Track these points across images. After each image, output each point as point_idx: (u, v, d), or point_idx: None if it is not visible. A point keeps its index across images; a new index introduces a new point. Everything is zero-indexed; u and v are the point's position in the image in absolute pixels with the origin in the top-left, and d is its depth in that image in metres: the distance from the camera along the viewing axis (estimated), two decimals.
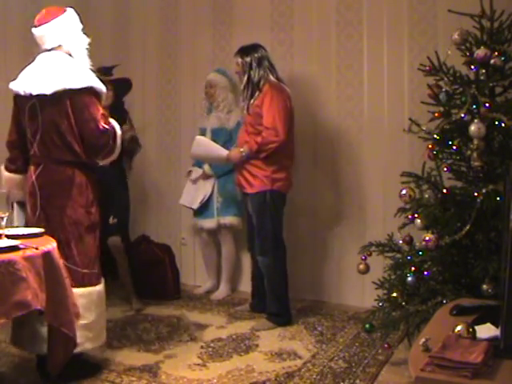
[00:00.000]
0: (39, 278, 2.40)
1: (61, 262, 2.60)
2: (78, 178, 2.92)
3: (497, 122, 2.86)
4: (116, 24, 5.20)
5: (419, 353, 1.71)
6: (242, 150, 3.74)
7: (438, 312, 2.22)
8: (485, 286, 2.72)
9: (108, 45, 5.22)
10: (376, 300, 3.18)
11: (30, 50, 4.80)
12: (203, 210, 4.41)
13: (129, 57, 5.10)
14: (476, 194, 2.80)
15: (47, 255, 2.48)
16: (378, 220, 4.08)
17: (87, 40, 2.98)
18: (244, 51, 3.82)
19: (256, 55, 3.79)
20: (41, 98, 2.84)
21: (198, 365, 3.15)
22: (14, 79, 2.96)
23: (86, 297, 2.88)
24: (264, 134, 3.66)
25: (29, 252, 2.39)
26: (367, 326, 3.17)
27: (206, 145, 4.05)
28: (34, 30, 2.93)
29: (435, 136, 2.99)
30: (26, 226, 2.97)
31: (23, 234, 2.67)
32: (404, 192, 3.01)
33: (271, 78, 3.79)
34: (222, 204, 4.37)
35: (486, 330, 1.82)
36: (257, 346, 3.44)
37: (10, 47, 4.67)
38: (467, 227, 2.76)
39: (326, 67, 4.30)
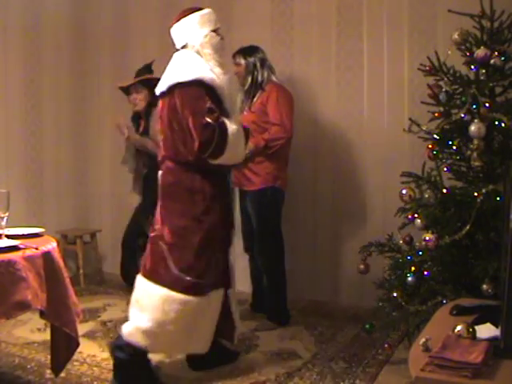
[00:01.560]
0: (39, 278, 2.40)
1: (61, 261, 2.60)
2: (188, 181, 2.82)
3: (497, 122, 2.86)
4: (116, 24, 5.20)
5: (419, 353, 1.71)
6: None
7: (437, 312, 2.22)
8: (485, 286, 2.72)
9: (108, 45, 5.23)
10: (376, 300, 3.18)
11: (30, 50, 4.83)
12: None
13: (129, 57, 5.10)
14: (476, 194, 2.80)
15: (47, 255, 2.48)
16: (378, 220, 4.08)
17: (219, 39, 2.93)
18: (247, 52, 3.81)
19: (259, 56, 3.80)
20: (162, 96, 2.87)
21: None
22: None
23: (179, 303, 2.76)
24: (272, 131, 3.66)
25: (29, 252, 2.39)
26: (367, 325, 3.18)
27: None
28: (171, 29, 2.97)
29: (435, 136, 2.99)
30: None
31: (23, 234, 2.67)
32: (404, 192, 3.01)
33: (273, 78, 3.80)
34: None
35: (486, 330, 1.82)
36: (257, 346, 3.44)
37: (10, 47, 4.67)
38: (467, 227, 2.76)
39: (325, 67, 4.30)
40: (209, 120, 2.73)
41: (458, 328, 1.79)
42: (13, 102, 4.71)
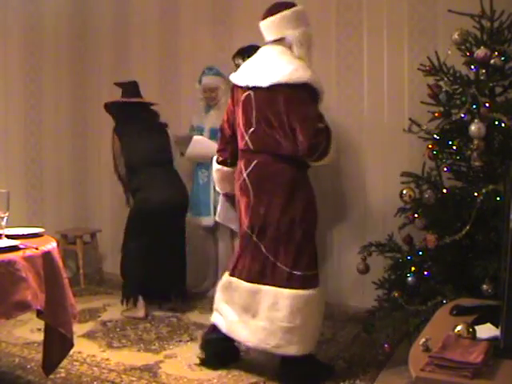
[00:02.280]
0: (39, 278, 2.40)
1: (60, 262, 2.60)
2: (288, 173, 2.86)
3: (497, 122, 2.86)
4: (116, 24, 5.20)
5: (419, 353, 1.71)
6: None
7: (437, 312, 2.22)
8: (485, 286, 2.72)
9: (108, 45, 5.23)
10: (376, 300, 3.18)
11: (30, 50, 4.83)
12: (200, 207, 4.39)
13: (129, 57, 5.10)
14: (476, 194, 2.80)
15: (47, 255, 2.48)
16: (378, 220, 4.08)
17: (311, 36, 2.94)
18: (246, 53, 3.78)
19: None
20: (256, 90, 2.84)
21: (198, 365, 3.14)
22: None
23: (292, 299, 2.81)
24: None
25: (29, 252, 2.39)
26: (367, 325, 3.17)
27: (204, 144, 4.04)
28: (261, 22, 2.96)
29: (435, 136, 2.99)
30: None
31: (23, 234, 2.67)
32: (404, 192, 3.01)
33: None
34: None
35: (486, 330, 1.82)
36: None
37: (10, 47, 4.67)
38: (467, 227, 2.76)
39: (325, 67, 4.29)
40: (321, 125, 2.79)
41: (458, 328, 1.78)
42: (13, 101, 4.71)
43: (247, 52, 3.81)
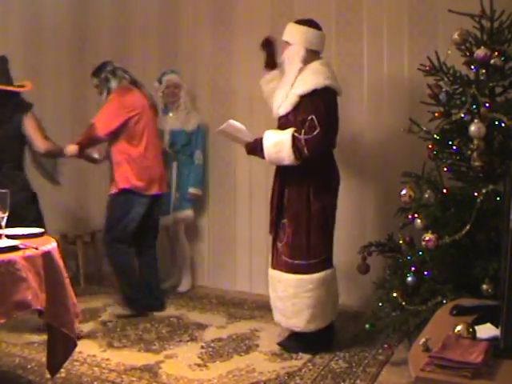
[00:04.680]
0: (39, 278, 2.40)
1: (61, 262, 2.60)
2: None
3: (497, 122, 2.86)
4: (116, 24, 5.20)
5: (419, 353, 1.71)
6: None
7: (437, 312, 2.22)
8: (485, 286, 2.72)
9: (108, 45, 5.23)
10: (376, 300, 3.18)
11: (30, 50, 4.83)
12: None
13: (129, 56, 5.09)
14: (476, 194, 2.80)
15: (47, 255, 2.48)
16: (378, 220, 4.08)
17: None
18: (96, 72, 4.02)
19: (108, 69, 4.00)
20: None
21: (199, 365, 3.15)
22: None
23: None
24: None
25: (29, 252, 2.39)
26: (367, 326, 3.17)
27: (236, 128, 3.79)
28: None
29: (435, 136, 2.99)
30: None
31: (23, 234, 2.67)
32: (404, 192, 3.01)
33: (123, 83, 4.06)
34: (179, 199, 4.49)
35: (486, 330, 1.82)
36: (257, 345, 3.45)
37: (11, 47, 4.67)
38: (467, 227, 2.76)
39: None
40: None
41: (458, 328, 1.78)
42: None
43: (96, 71, 4.00)
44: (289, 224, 3.24)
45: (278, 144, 3.14)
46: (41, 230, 2.80)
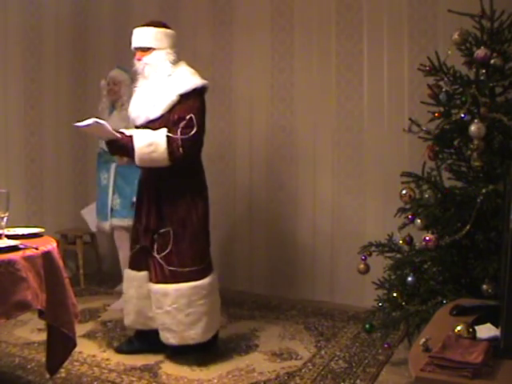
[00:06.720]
0: (39, 278, 2.40)
1: (61, 262, 2.60)
2: None
3: (497, 122, 2.86)
4: (116, 24, 5.19)
5: (419, 353, 1.71)
6: None
7: (437, 312, 2.22)
8: (485, 286, 2.72)
9: (108, 45, 5.23)
10: (376, 300, 3.18)
11: (30, 50, 4.83)
12: (99, 211, 4.28)
13: (129, 57, 5.08)
14: (476, 194, 2.80)
15: (47, 255, 2.48)
16: (378, 220, 4.08)
17: None
18: None
19: None
20: None
21: (198, 365, 3.14)
22: None
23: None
24: None
25: (29, 252, 2.39)
26: (367, 326, 3.17)
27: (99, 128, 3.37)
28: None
29: (435, 136, 2.99)
30: None
31: (23, 234, 2.67)
32: (404, 192, 3.01)
33: None
34: (120, 205, 4.17)
35: (486, 330, 1.82)
36: (257, 346, 3.44)
37: (10, 47, 4.67)
38: (467, 227, 2.76)
39: (326, 67, 4.30)
40: None
41: (458, 328, 1.79)
42: (13, 102, 4.70)
43: None
44: (174, 232, 3.10)
45: (152, 144, 2.99)
46: (41, 229, 2.79)
